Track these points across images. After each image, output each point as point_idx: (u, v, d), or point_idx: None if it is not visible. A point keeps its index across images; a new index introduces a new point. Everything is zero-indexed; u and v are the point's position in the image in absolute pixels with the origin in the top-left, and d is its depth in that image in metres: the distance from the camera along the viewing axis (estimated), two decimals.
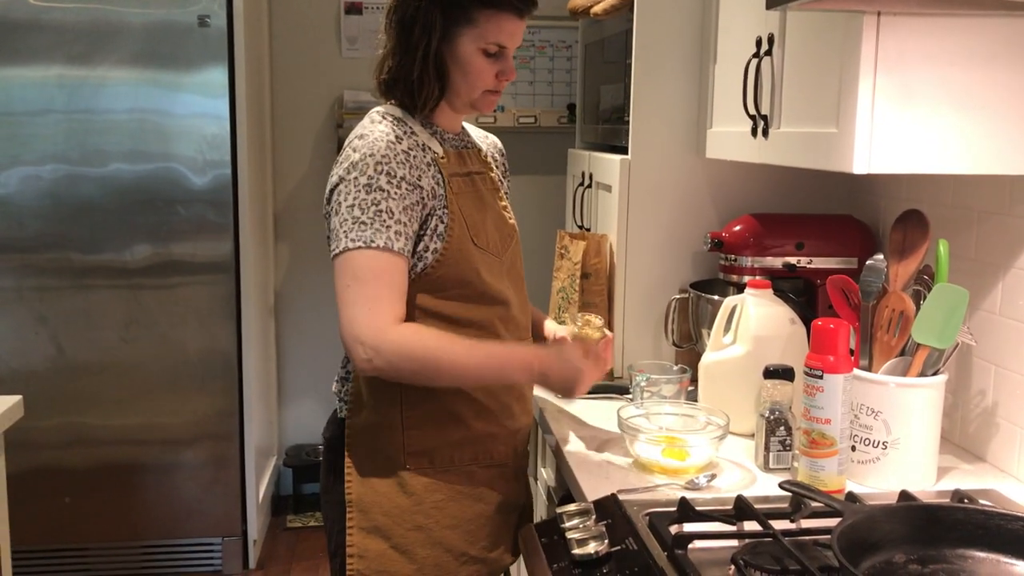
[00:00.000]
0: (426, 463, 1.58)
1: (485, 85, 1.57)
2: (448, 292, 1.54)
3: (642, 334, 2.21)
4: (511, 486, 1.69)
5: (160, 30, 2.98)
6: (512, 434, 1.67)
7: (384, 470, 1.58)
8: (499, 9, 1.51)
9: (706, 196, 2.19)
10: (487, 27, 1.52)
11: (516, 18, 1.53)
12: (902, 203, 1.91)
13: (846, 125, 1.41)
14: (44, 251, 3.02)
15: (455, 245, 1.53)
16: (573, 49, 3.64)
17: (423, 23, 1.51)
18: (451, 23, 1.51)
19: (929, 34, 1.38)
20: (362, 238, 1.45)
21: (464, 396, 1.58)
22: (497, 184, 1.72)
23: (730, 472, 1.60)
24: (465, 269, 1.54)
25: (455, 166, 1.59)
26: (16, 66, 2.93)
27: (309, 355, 3.82)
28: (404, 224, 1.48)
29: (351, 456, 1.60)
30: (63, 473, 3.11)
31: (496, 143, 1.82)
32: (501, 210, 1.68)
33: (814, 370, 1.45)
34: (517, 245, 1.71)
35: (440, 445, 1.58)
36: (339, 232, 1.47)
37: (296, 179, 3.70)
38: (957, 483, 1.54)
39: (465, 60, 1.53)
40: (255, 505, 3.27)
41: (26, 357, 3.05)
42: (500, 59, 1.55)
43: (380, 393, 1.57)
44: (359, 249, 1.45)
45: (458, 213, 1.54)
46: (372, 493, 1.58)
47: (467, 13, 1.51)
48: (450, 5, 1.50)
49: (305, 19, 3.60)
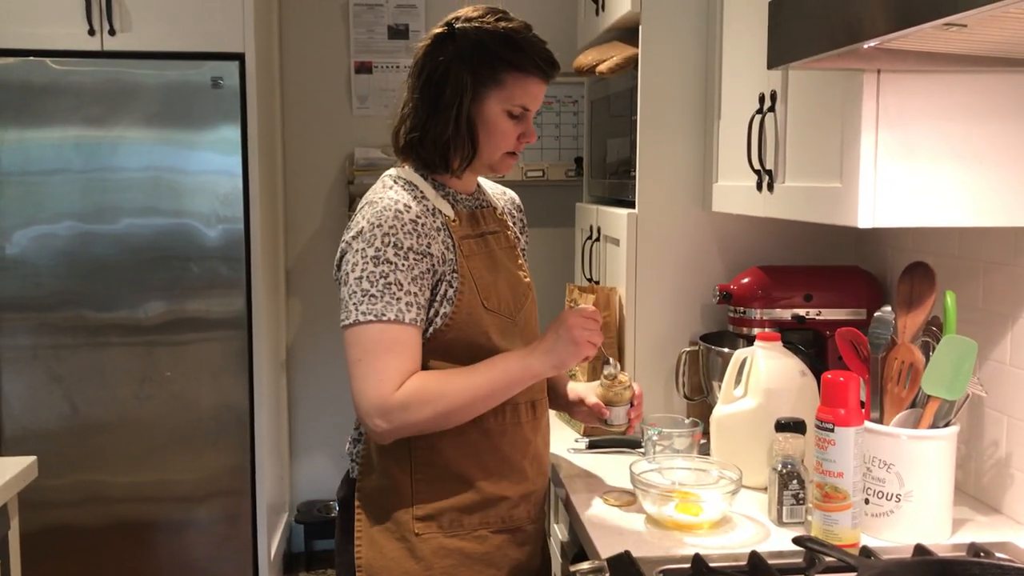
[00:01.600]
0: (435, 527, 1.56)
1: (508, 147, 1.59)
2: (457, 355, 1.54)
3: (653, 387, 2.21)
4: (525, 550, 1.65)
5: (175, 91, 3.04)
6: (525, 497, 1.64)
7: (393, 534, 1.56)
8: (527, 73, 1.54)
9: (713, 249, 2.20)
10: (514, 89, 1.54)
11: (542, 82, 1.57)
12: (909, 254, 1.92)
13: (850, 180, 1.43)
14: (59, 309, 3.05)
15: (464, 309, 1.53)
16: (579, 104, 3.69)
17: (454, 83, 1.52)
18: (480, 84, 1.53)
19: (928, 91, 1.40)
20: (373, 311, 1.46)
21: (473, 458, 1.57)
22: (513, 242, 1.71)
23: (743, 527, 1.60)
24: (474, 333, 1.54)
25: (466, 228, 1.59)
26: (35, 128, 2.99)
27: (321, 410, 3.82)
28: (414, 295, 1.49)
29: (361, 519, 1.59)
30: (77, 531, 3.11)
31: (514, 199, 1.82)
32: (516, 270, 1.67)
33: (825, 423, 1.45)
34: (533, 304, 1.70)
35: (449, 508, 1.56)
36: (348, 304, 1.48)
37: (308, 235, 3.74)
38: (972, 536, 1.53)
39: (491, 121, 1.55)
40: (267, 563, 3.25)
41: (40, 415, 3.07)
42: (523, 122, 1.58)
43: (389, 456, 1.56)
44: (370, 323, 1.46)
45: (468, 276, 1.54)
46: (381, 558, 1.56)
47: (496, 75, 1.53)
48: (479, 66, 1.52)
49: (316, 78, 3.67)
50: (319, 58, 3.66)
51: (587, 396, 1.74)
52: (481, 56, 1.52)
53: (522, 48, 1.54)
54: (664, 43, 2.16)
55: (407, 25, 3.65)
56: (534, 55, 1.54)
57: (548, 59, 1.56)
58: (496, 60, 1.52)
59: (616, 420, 1.70)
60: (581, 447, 2.06)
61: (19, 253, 3.02)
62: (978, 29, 1.06)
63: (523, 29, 1.56)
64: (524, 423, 1.62)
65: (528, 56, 1.54)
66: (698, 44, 2.16)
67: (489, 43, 1.53)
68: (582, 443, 2.07)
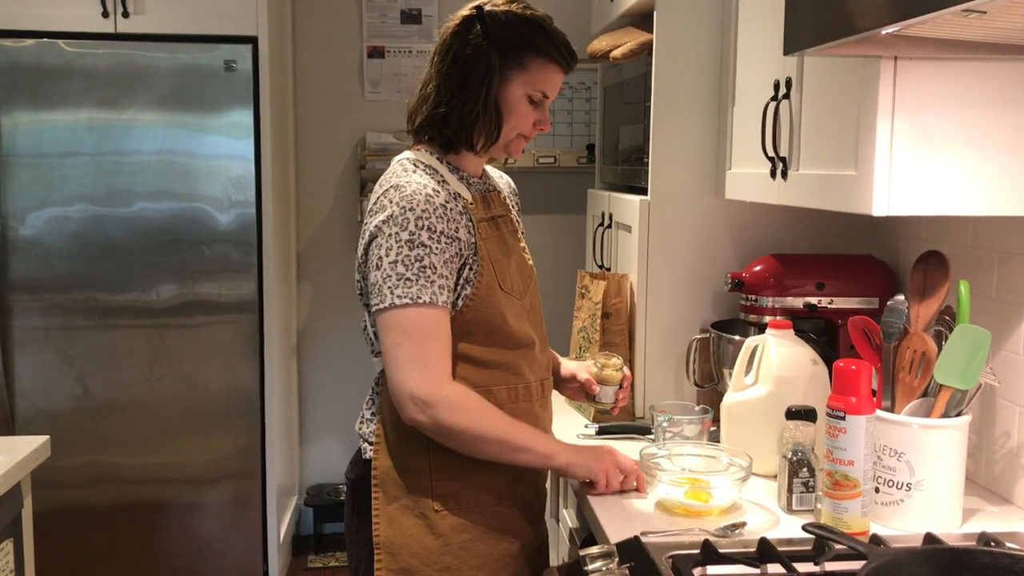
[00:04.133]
0: (453, 504, 1.59)
1: (523, 131, 1.62)
2: (476, 336, 1.58)
3: (663, 374, 2.21)
4: (533, 525, 1.70)
5: (187, 74, 3.04)
6: (534, 474, 1.70)
7: (412, 511, 1.59)
8: (551, 59, 1.59)
9: (726, 236, 2.20)
10: (538, 74, 1.58)
11: (562, 71, 1.61)
12: (922, 243, 1.91)
13: (865, 168, 1.43)
14: (71, 291, 3.07)
15: (484, 291, 1.56)
16: (592, 90, 3.68)
17: (484, 64, 1.56)
18: (506, 67, 1.57)
19: (945, 78, 1.39)
20: (408, 295, 1.48)
21: None
22: (515, 226, 1.74)
23: (753, 514, 1.60)
24: (492, 314, 1.58)
25: (481, 211, 1.62)
26: (48, 110, 3.00)
27: (330, 394, 3.83)
28: (446, 278, 1.51)
29: (379, 497, 1.61)
30: (87, 512, 3.13)
31: (510, 183, 1.86)
32: (521, 252, 1.71)
33: (836, 411, 1.45)
34: (536, 285, 1.74)
35: (466, 486, 1.60)
36: (383, 288, 1.50)
37: (319, 219, 3.75)
38: (983, 525, 1.53)
39: (512, 104, 1.59)
40: (276, 545, 3.27)
41: (52, 396, 3.09)
42: (540, 108, 1.62)
43: (407, 436, 1.59)
44: (407, 307, 1.49)
45: (487, 259, 1.58)
46: (400, 534, 1.59)
47: (522, 59, 1.57)
48: (508, 48, 1.56)
49: (329, 63, 3.67)
50: (332, 42, 3.66)
51: (579, 372, 1.85)
52: (509, 39, 1.56)
53: (548, 36, 1.58)
54: (679, 29, 2.15)
55: (420, 10, 3.64)
56: (558, 43, 1.59)
57: (570, 50, 1.61)
58: (524, 44, 1.57)
59: (604, 398, 1.82)
60: (591, 433, 2.06)
61: (32, 235, 3.03)
62: (997, 15, 1.05)
63: (548, 19, 1.61)
64: (535, 401, 1.67)
65: (553, 44, 1.58)
66: (713, 30, 2.15)
67: (518, 27, 1.57)
68: (592, 429, 2.08)
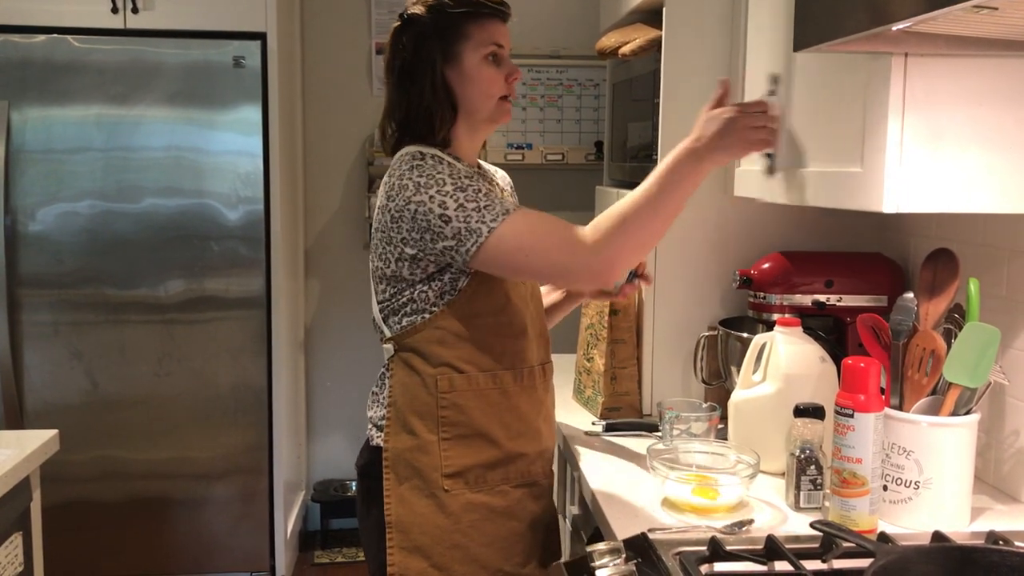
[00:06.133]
0: (462, 483, 1.63)
1: (499, 91, 1.66)
2: (483, 319, 1.61)
3: (671, 371, 2.21)
4: (540, 503, 1.73)
5: (196, 70, 3.05)
6: (540, 454, 1.73)
7: (422, 491, 1.62)
8: (487, 17, 1.64)
9: (734, 234, 2.19)
10: (481, 35, 1.63)
11: (502, 23, 1.66)
12: (932, 241, 1.90)
13: (873, 165, 1.42)
14: (80, 286, 3.08)
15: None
16: (600, 88, 3.68)
17: (424, 56, 1.61)
18: (448, 44, 1.61)
19: (956, 75, 1.38)
20: (494, 214, 1.51)
21: (496, 417, 1.64)
22: None
23: (760, 511, 1.60)
24: (497, 292, 1.61)
25: None
26: (58, 106, 3.01)
27: (338, 390, 3.84)
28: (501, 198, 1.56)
29: (390, 478, 1.64)
30: (95, 506, 3.15)
31: (506, 177, 1.88)
32: None
33: (845, 409, 1.45)
34: None
35: (475, 466, 1.63)
36: (468, 230, 1.51)
37: (327, 215, 3.75)
38: (991, 524, 1.52)
39: (474, 72, 1.63)
40: (283, 540, 3.28)
41: (61, 391, 3.10)
42: (503, 63, 1.66)
43: (416, 418, 1.63)
44: (501, 222, 1.51)
45: None
46: (411, 514, 1.62)
47: (461, 29, 1.62)
48: (442, 28, 1.61)
49: (337, 59, 3.67)
50: (340, 39, 3.67)
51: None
52: (439, 19, 1.61)
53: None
54: (688, 25, 2.15)
55: None
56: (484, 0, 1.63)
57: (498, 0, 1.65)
58: (456, 17, 1.61)
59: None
60: (598, 430, 2.06)
61: (41, 230, 3.04)
62: (1010, 12, 1.05)
63: None
64: (538, 385, 1.71)
65: (479, 2, 1.62)
66: (722, 26, 2.14)
67: (441, 6, 1.62)
68: (599, 426, 2.07)
